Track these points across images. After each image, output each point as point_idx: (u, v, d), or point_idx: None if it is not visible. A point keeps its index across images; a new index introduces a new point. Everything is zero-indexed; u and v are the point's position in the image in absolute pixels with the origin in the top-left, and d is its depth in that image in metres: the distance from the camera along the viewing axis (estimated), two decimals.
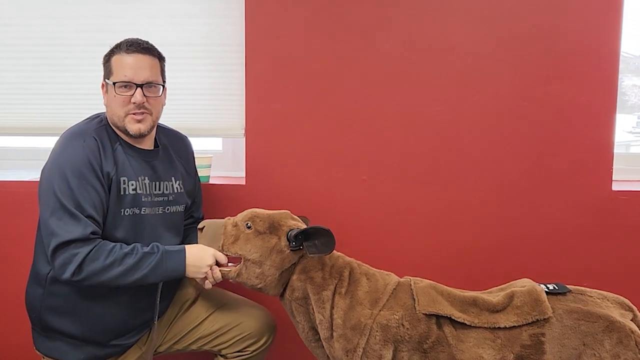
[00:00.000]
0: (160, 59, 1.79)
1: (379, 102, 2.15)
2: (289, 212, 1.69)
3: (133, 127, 1.73)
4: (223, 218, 1.71)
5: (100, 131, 1.73)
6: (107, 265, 1.60)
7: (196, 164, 2.20)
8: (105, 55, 1.76)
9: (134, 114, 1.72)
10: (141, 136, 1.76)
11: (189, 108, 2.30)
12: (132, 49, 1.73)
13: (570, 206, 2.13)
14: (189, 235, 1.95)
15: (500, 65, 2.10)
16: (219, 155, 2.42)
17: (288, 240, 1.60)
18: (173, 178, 1.86)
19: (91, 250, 1.59)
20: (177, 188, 1.86)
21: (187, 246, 1.71)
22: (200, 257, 1.68)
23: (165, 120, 2.16)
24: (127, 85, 1.70)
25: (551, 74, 2.09)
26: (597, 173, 2.12)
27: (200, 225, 1.70)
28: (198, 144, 2.46)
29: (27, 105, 2.37)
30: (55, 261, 1.59)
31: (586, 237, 2.14)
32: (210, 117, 2.32)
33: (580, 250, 2.15)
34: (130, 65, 1.71)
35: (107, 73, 1.75)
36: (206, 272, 1.68)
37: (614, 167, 2.13)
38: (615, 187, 2.13)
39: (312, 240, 1.57)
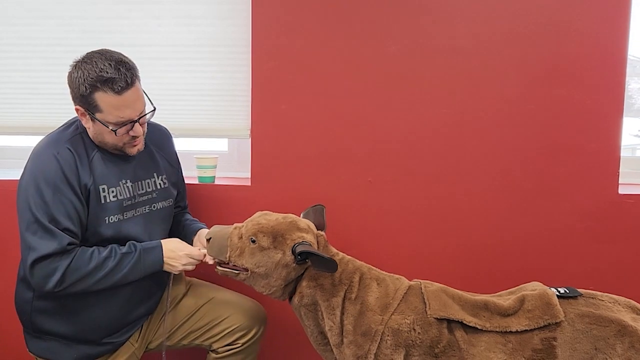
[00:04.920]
0: (139, 79, 1.66)
1: (385, 103, 2.14)
2: (295, 218, 1.64)
3: (132, 151, 1.73)
4: (229, 223, 1.69)
5: (76, 140, 1.68)
6: (89, 271, 1.61)
7: (202, 164, 2.21)
8: (77, 83, 1.60)
9: (132, 141, 1.70)
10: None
11: (195, 109, 2.30)
12: (119, 87, 1.58)
13: (577, 209, 2.13)
14: (180, 221, 1.97)
15: (506, 68, 2.10)
16: (225, 156, 2.41)
17: (293, 253, 1.58)
18: (155, 174, 1.84)
19: (71, 262, 1.59)
20: (160, 184, 1.85)
21: (163, 242, 1.72)
22: (174, 256, 1.71)
23: (171, 121, 2.17)
24: (125, 123, 1.64)
25: (557, 77, 2.09)
26: (603, 176, 2.12)
27: (207, 236, 1.66)
28: (204, 145, 2.48)
29: (34, 105, 2.37)
30: (33, 274, 1.59)
31: (592, 240, 2.14)
32: (216, 118, 2.31)
33: (587, 253, 2.15)
34: (126, 105, 1.61)
35: (92, 107, 1.61)
36: (181, 270, 1.74)
37: (620, 170, 2.12)
38: (621, 190, 2.13)
39: (317, 255, 1.53)
